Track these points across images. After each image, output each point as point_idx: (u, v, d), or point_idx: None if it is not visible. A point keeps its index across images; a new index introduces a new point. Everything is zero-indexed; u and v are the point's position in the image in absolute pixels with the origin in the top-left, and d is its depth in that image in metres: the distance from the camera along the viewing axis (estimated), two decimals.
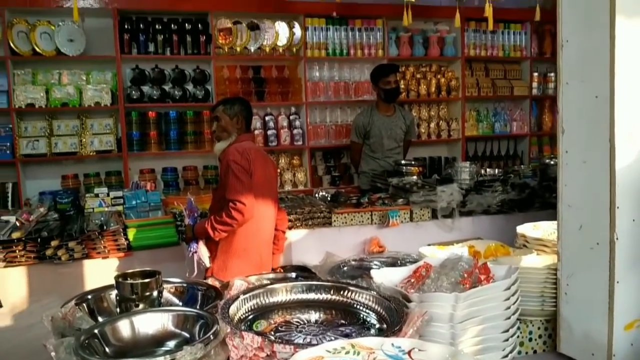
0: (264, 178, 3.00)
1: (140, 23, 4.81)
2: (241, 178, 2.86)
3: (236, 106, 3.09)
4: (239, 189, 2.84)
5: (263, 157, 3.09)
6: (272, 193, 3.11)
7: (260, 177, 2.96)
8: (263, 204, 3.00)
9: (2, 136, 4.60)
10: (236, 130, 3.06)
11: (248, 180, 2.87)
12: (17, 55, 4.51)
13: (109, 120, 4.80)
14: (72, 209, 3.82)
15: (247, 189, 2.85)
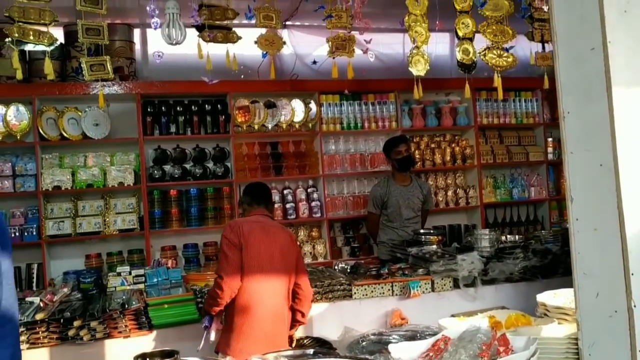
0: (261, 252, 3.03)
1: (162, 106, 5.03)
2: (226, 252, 3.02)
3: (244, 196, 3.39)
4: (222, 264, 3.02)
5: (262, 231, 3.11)
6: (276, 267, 3.07)
7: (255, 251, 3.02)
8: (260, 278, 3.01)
9: (29, 218, 4.75)
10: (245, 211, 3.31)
11: (233, 255, 2.99)
12: (45, 141, 4.72)
13: (132, 200, 4.93)
14: (95, 288, 3.85)
15: (230, 263, 2.99)
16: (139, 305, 3.33)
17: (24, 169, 4.69)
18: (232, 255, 2.99)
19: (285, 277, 3.09)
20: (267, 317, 3.01)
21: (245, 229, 3.05)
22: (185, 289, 3.71)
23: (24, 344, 3.16)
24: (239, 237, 3.01)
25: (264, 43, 3.84)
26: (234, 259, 2.98)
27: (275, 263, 3.07)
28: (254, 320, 2.98)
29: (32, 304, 3.47)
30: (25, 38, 3.50)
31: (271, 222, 3.23)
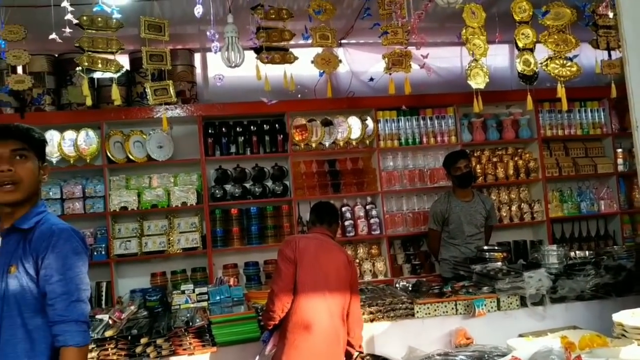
0: (316, 269, 3.02)
1: (223, 127, 5.15)
2: (280, 267, 3.06)
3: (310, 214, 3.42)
4: (275, 277, 3.10)
5: (319, 248, 3.11)
6: (331, 286, 3.04)
7: (309, 267, 3.02)
8: (314, 295, 2.99)
9: (99, 238, 4.94)
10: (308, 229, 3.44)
11: (287, 270, 3.03)
12: (113, 163, 4.92)
13: (195, 219, 5.04)
14: (161, 306, 3.94)
15: (283, 278, 3.03)
16: (203, 323, 3.39)
17: (94, 191, 4.89)
18: (285, 269, 3.02)
19: (340, 296, 3.05)
20: (321, 335, 2.97)
21: (301, 245, 3.08)
22: (247, 306, 3.74)
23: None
24: (294, 251, 3.04)
25: (320, 62, 3.88)
26: (287, 273, 3.01)
27: (330, 282, 3.04)
28: (307, 337, 2.96)
29: (101, 322, 3.59)
30: (94, 66, 3.69)
31: (329, 241, 3.21)
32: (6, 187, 1.91)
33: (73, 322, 1.85)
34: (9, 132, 1.95)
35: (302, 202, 5.27)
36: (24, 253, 1.90)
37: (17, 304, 1.87)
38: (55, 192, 4.83)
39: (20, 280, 1.88)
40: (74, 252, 1.91)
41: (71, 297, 1.86)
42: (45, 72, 4.85)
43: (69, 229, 1.98)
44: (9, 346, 1.85)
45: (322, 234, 3.22)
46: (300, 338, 2.95)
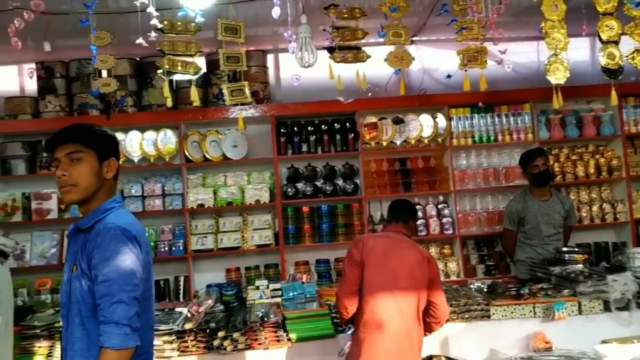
0: (385, 268, 2.99)
1: (295, 126, 5.23)
2: (346, 269, 3.09)
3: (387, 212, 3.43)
4: (341, 280, 3.18)
5: (389, 247, 3.07)
6: (402, 285, 2.98)
7: (377, 266, 3.00)
8: (384, 294, 2.96)
9: (177, 234, 5.14)
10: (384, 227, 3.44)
11: (351, 272, 3.04)
12: (190, 162, 5.10)
13: (268, 216, 5.15)
14: (236, 301, 4.06)
15: (346, 281, 3.07)
16: (278, 318, 3.46)
17: (172, 189, 5.09)
18: (349, 272, 3.05)
19: (413, 295, 2.98)
20: (392, 335, 2.93)
21: (368, 244, 3.06)
22: (320, 303, 3.78)
23: (175, 351, 3.40)
24: (360, 252, 3.04)
25: (393, 60, 3.86)
26: (350, 276, 3.04)
27: (400, 280, 2.98)
28: (377, 336, 2.94)
29: (181, 314, 3.73)
30: (174, 69, 3.83)
31: (402, 239, 3.14)
32: (64, 189, 1.97)
33: (113, 324, 1.81)
34: (63, 137, 2.00)
35: (372, 201, 5.27)
36: (81, 253, 1.94)
37: (78, 304, 1.92)
38: (136, 190, 5.06)
39: (80, 280, 1.92)
40: (118, 253, 1.87)
41: (113, 298, 1.83)
42: (128, 75, 5.09)
43: (116, 227, 1.92)
44: (69, 344, 1.92)
45: (396, 232, 3.18)
46: (370, 337, 2.95)
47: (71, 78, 5.18)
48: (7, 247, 2.50)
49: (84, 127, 2.06)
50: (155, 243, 5.03)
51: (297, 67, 3.76)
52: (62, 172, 1.95)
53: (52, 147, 2.02)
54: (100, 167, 2.01)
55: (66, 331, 1.93)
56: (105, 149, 2.04)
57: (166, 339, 3.37)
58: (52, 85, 5.11)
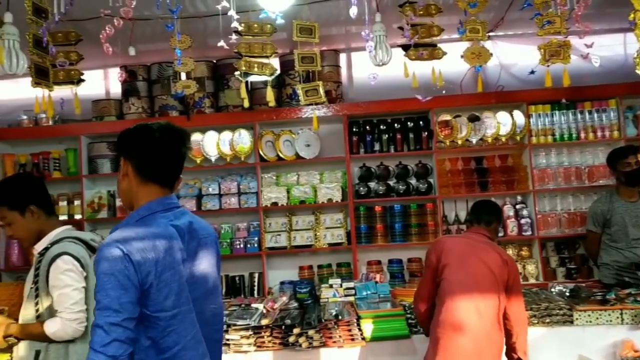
0: (464, 270, 2.95)
1: (367, 125, 5.22)
2: (424, 272, 3.13)
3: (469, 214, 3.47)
4: (419, 281, 3.19)
5: (469, 248, 3.03)
6: (482, 287, 2.92)
7: (456, 268, 2.96)
8: (462, 296, 2.91)
9: (251, 232, 5.26)
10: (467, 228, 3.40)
11: (426, 275, 3.09)
12: (264, 162, 5.20)
13: (340, 215, 5.17)
14: (310, 298, 4.10)
15: (422, 285, 3.14)
16: (352, 317, 3.47)
17: (247, 187, 5.21)
18: (426, 273, 3.09)
19: (492, 298, 2.91)
20: (469, 336, 2.86)
21: (447, 246, 3.06)
22: (393, 304, 3.76)
23: (252, 346, 3.48)
24: (438, 253, 3.03)
25: (470, 56, 3.78)
26: (426, 279, 3.09)
27: (479, 282, 2.92)
28: (454, 338, 2.88)
29: (257, 310, 3.82)
30: (251, 70, 3.92)
31: (482, 241, 3.08)
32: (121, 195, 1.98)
33: (91, 350, 1.67)
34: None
35: (447, 201, 5.17)
36: None
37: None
38: (214, 188, 5.22)
39: None
40: (103, 273, 1.71)
41: (95, 321, 1.70)
42: (205, 77, 5.25)
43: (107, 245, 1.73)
44: None
45: (477, 234, 3.12)
46: (446, 338, 2.90)
47: (152, 81, 5.40)
48: (95, 242, 2.63)
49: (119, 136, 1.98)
50: (230, 240, 5.17)
51: (369, 65, 3.75)
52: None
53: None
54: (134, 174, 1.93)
55: None
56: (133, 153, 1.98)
57: (243, 333, 3.46)
58: (135, 88, 5.36)
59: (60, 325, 2.36)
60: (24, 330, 2.45)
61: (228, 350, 3.46)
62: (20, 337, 2.46)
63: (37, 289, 2.45)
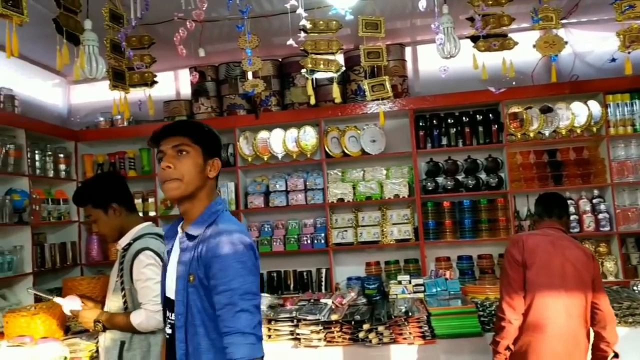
0: (550, 268, 2.81)
1: (434, 119, 5.13)
2: (508, 271, 2.89)
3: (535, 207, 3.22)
4: (503, 282, 2.91)
5: (551, 245, 2.89)
6: (568, 285, 2.80)
7: (543, 267, 2.81)
8: (550, 295, 2.79)
9: (318, 227, 5.29)
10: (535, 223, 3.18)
11: (515, 274, 2.86)
12: (330, 158, 5.22)
13: (407, 211, 5.12)
14: (378, 295, 4.10)
15: (512, 283, 2.85)
16: (422, 314, 3.43)
17: (314, 184, 5.25)
18: (513, 274, 2.87)
19: (579, 296, 2.81)
20: (558, 337, 2.78)
21: (529, 244, 2.89)
22: (464, 301, 3.69)
23: (322, 341, 3.51)
24: (521, 253, 2.87)
25: (543, 46, 3.65)
26: (515, 278, 2.85)
27: (567, 280, 2.82)
28: (543, 339, 2.79)
29: (326, 305, 3.84)
30: (317, 67, 3.94)
31: (562, 236, 2.96)
32: (169, 183, 1.88)
33: (239, 334, 1.72)
34: (172, 129, 1.93)
35: (518, 195, 5.01)
36: (197, 262, 1.82)
37: (199, 314, 1.81)
38: (281, 185, 5.29)
39: (199, 289, 1.82)
40: (237, 261, 1.77)
41: (235, 307, 1.74)
42: (271, 76, 5.32)
43: (234, 234, 1.81)
44: (194, 356, 1.81)
45: (553, 229, 3.00)
46: (535, 340, 2.80)
47: (220, 81, 5.53)
48: None
49: (192, 122, 2.01)
50: (297, 236, 5.22)
51: (436, 58, 3.68)
52: (167, 163, 1.87)
53: (158, 140, 1.94)
54: (204, 165, 1.92)
55: (184, 342, 1.83)
56: (211, 147, 1.97)
57: (313, 328, 3.49)
58: (204, 88, 5.50)
59: (145, 317, 2.48)
60: (110, 319, 2.58)
61: (298, 345, 3.51)
62: (107, 325, 2.58)
63: (123, 282, 2.57)
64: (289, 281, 5.31)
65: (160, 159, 1.91)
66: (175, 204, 1.98)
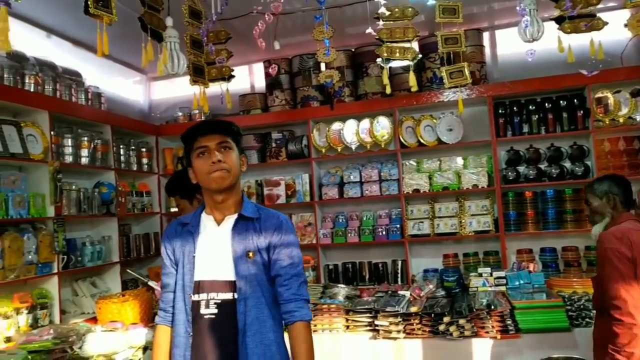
0: None
1: (514, 106, 4.94)
2: (618, 266, 2.51)
3: (604, 184, 2.85)
4: (617, 281, 2.49)
5: None
6: None
7: None
8: None
9: (393, 219, 5.24)
10: (609, 211, 2.81)
11: (628, 271, 2.50)
12: (405, 148, 5.14)
13: (486, 202, 4.97)
14: (458, 287, 3.99)
15: (627, 280, 2.47)
16: (505, 307, 3.32)
17: (388, 175, 5.19)
18: (627, 270, 2.52)
19: None
20: None
21: (635, 239, 2.58)
22: (549, 294, 3.53)
23: (401, 333, 3.47)
24: (631, 249, 2.55)
25: (636, 25, 3.40)
26: (631, 275, 2.52)
27: None
28: None
29: (404, 297, 3.80)
30: (393, 56, 3.87)
31: None
32: (221, 173, 2.05)
33: (305, 301, 2.05)
34: (214, 127, 2.11)
35: None
36: (257, 240, 2.07)
37: (260, 286, 2.04)
38: (355, 176, 5.27)
39: (259, 264, 2.05)
40: (295, 239, 2.12)
41: (300, 278, 2.07)
42: (344, 66, 5.30)
43: (282, 215, 2.17)
44: (258, 323, 2.02)
45: (634, 221, 2.73)
46: None
47: (294, 73, 5.57)
48: None
49: (230, 122, 2.19)
50: (372, 227, 5.19)
51: (516, 43, 3.54)
52: (219, 157, 2.06)
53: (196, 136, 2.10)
54: (239, 160, 2.16)
55: (244, 314, 2.01)
56: (241, 146, 2.20)
57: (392, 320, 3.46)
58: (278, 81, 5.56)
59: None
60: None
61: (377, 336, 3.49)
62: None
63: None
64: (364, 272, 5.30)
65: (202, 153, 2.08)
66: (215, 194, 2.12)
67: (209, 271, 2.07)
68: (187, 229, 2.15)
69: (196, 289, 2.06)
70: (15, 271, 3.63)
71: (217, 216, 2.14)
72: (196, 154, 2.09)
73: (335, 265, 5.37)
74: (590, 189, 2.91)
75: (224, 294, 2.03)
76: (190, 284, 2.07)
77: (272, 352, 2.02)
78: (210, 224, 2.14)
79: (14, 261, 3.62)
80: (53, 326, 3.19)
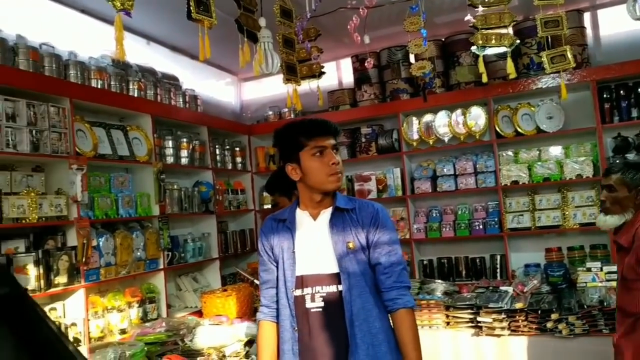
0: None
1: (621, 90, 4.61)
2: None
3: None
4: None
5: None
6: None
7: None
8: None
9: (490, 212, 5.06)
10: (633, 206, 2.47)
11: None
12: (501, 138, 4.94)
13: (592, 192, 4.68)
14: (564, 283, 3.81)
15: None
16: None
17: (484, 166, 5.01)
18: None
19: None
20: None
21: None
22: None
23: (505, 330, 3.35)
24: None
25: None
26: None
27: None
28: None
29: (506, 293, 3.67)
30: (488, 43, 3.72)
31: None
32: (337, 176, 2.08)
33: (407, 288, 2.07)
34: (331, 128, 2.13)
35: None
36: (355, 230, 2.08)
37: (363, 276, 2.05)
38: (448, 169, 5.14)
39: (359, 254, 2.06)
40: (392, 226, 2.14)
41: (400, 265, 2.08)
42: (434, 57, 5.17)
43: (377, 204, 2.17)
44: (364, 312, 2.02)
45: None
46: None
47: (382, 67, 5.52)
48: None
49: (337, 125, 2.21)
50: (468, 221, 5.04)
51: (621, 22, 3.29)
52: (337, 159, 2.09)
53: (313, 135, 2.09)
54: None
55: (350, 304, 2.02)
56: None
57: (496, 317, 3.35)
58: (367, 76, 5.53)
59: None
60: None
61: (480, 333, 3.40)
62: None
63: None
64: (460, 268, 5.16)
65: (320, 153, 2.08)
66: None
67: (311, 265, 2.09)
68: (285, 225, 2.17)
69: (299, 283, 2.08)
70: (126, 267, 3.86)
71: (312, 211, 2.16)
72: (311, 153, 2.09)
73: (429, 261, 5.27)
74: (623, 177, 2.52)
75: (329, 287, 2.05)
76: (291, 279, 2.09)
77: (380, 340, 2.02)
78: (307, 219, 2.16)
79: (125, 258, 3.84)
80: (164, 319, 3.35)
